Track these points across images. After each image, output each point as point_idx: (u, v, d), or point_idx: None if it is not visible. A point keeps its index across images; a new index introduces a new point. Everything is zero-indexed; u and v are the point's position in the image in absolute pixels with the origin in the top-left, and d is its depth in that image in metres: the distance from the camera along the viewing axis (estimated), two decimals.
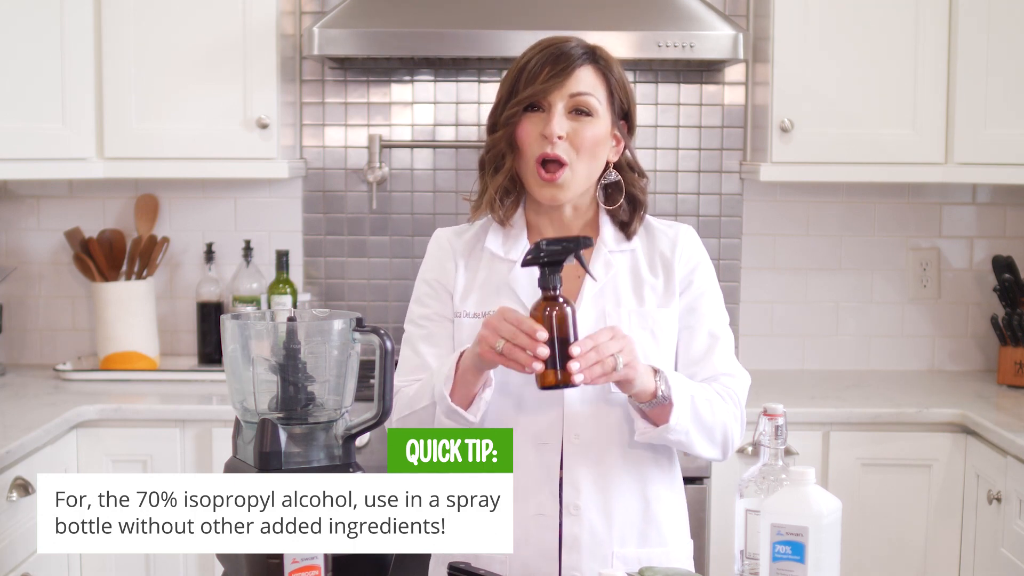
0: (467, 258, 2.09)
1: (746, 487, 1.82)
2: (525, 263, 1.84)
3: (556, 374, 1.80)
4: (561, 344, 1.80)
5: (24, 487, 2.66)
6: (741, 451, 2.97)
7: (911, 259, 3.65)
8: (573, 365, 1.79)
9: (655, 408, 1.92)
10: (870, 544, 3.08)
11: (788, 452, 1.88)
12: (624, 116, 2.05)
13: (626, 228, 2.07)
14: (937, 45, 3.24)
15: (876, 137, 3.28)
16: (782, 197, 3.64)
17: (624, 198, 2.05)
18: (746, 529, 1.81)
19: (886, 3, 3.24)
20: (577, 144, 1.97)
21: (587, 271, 1.93)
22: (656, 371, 1.92)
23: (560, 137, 1.96)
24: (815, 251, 3.66)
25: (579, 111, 1.98)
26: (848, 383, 3.46)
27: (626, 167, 2.07)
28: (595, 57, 2.01)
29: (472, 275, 2.07)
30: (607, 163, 2.04)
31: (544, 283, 1.83)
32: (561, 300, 1.82)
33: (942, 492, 3.06)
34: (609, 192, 2.07)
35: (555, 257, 1.82)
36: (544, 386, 1.82)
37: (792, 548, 1.68)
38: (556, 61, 1.97)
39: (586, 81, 1.99)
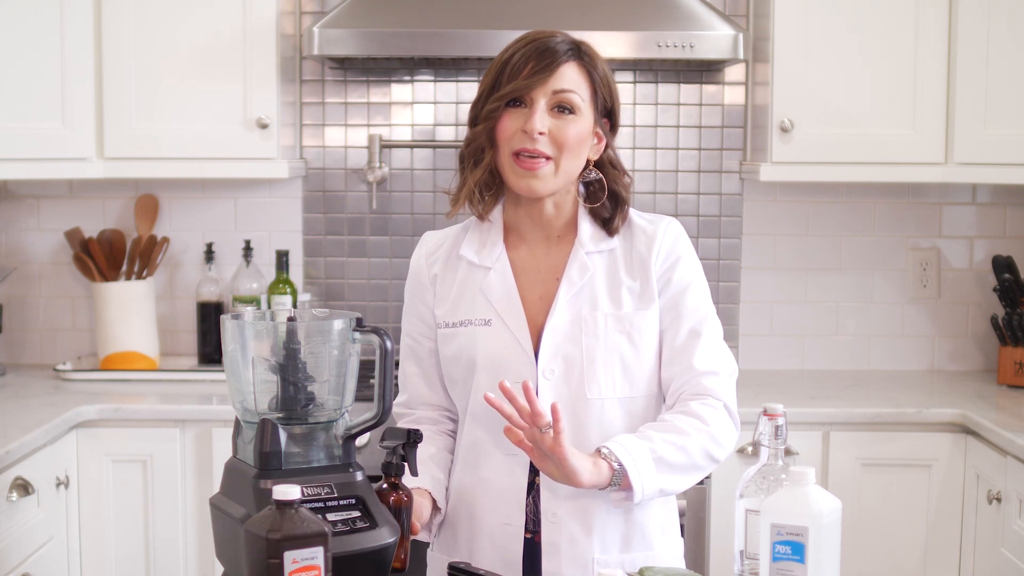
0: (444, 268, 2.07)
1: (746, 487, 1.82)
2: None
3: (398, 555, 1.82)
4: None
5: (24, 487, 2.66)
6: (741, 451, 2.97)
7: (911, 259, 3.65)
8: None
9: (621, 486, 1.89)
10: (870, 544, 3.08)
11: (788, 452, 1.88)
12: (607, 114, 2.03)
13: (609, 225, 2.03)
14: (937, 45, 3.24)
15: (876, 137, 3.27)
16: (782, 197, 3.64)
17: (607, 196, 2.03)
18: (746, 529, 1.81)
19: (886, 3, 3.24)
20: (559, 141, 1.94)
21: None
22: (604, 455, 1.87)
23: (541, 133, 1.93)
24: (815, 251, 3.65)
25: (562, 108, 1.96)
26: (848, 383, 3.45)
27: (608, 165, 2.04)
28: (580, 53, 1.98)
29: (449, 286, 2.06)
30: (587, 161, 2.01)
31: (384, 469, 1.85)
32: (397, 489, 1.83)
33: (942, 492, 3.06)
34: (591, 190, 2.04)
35: (387, 446, 1.85)
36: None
37: (792, 548, 1.68)
38: (540, 57, 1.95)
39: (570, 78, 1.96)
